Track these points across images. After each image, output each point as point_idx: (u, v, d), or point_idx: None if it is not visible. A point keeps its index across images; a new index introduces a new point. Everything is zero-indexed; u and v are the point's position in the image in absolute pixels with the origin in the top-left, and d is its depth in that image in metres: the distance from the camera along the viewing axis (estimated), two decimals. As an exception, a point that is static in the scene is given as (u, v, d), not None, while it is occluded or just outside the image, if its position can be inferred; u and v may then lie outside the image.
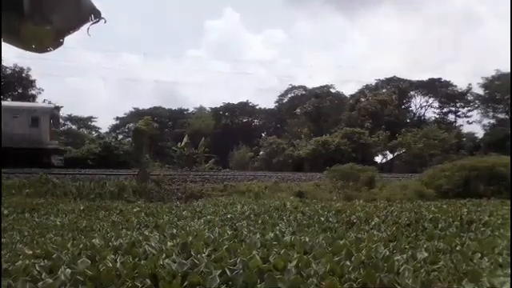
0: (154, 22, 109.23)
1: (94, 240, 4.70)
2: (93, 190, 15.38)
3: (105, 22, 2.64)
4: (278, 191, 16.64)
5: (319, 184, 18.64)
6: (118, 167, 22.61)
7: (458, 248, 4.69)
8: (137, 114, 59.08)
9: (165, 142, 51.25)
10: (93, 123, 63.53)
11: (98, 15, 2.69)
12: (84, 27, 2.70)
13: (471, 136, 58.59)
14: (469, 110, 62.96)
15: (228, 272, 3.24)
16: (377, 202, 12.05)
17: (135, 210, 9.71)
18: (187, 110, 69.95)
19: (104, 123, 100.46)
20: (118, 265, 3.51)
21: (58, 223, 7.19)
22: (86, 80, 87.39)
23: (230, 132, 59.30)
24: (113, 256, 3.91)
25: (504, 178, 17.30)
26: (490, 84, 59.52)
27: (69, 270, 3.25)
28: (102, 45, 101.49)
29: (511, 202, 8.97)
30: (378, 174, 19.80)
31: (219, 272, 3.22)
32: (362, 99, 57.94)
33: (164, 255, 3.82)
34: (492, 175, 17.46)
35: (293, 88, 66.74)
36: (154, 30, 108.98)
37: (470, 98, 62.61)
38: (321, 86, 63.41)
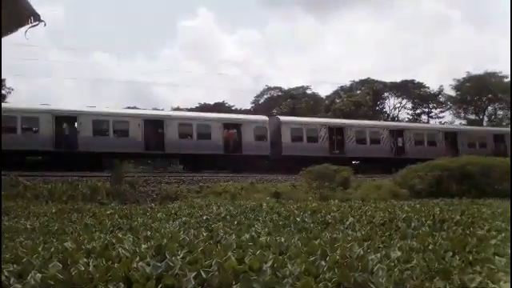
0: (126, 21, 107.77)
1: (65, 243, 4.59)
2: (65, 192, 15.07)
3: (44, 24, 2.61)
4: (255, 192, 16.65)
5: (295, 184, 18.74)
6: (91, 169, 22.19)
7: (430, 247, 4.77)
8: (110, 115, 58.07)
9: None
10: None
11: (37, 18, 2.65)
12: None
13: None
14: (441, 111, 64.53)
15: (203, 274, 3.22)
16: (352, 202, 12.20)
17: (108, 212, 9.55)
18: (162, 110, 69.29)
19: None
20: (91, 268, 3.45)
21: (28, 226, 7.00)
22: (57, 79, 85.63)
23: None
24: (85, 259, 3.84)
25: (474, 177, 17.75)
26: (461, 86, 61.10)
27: (39, 275, 3.17)
28: (73, 43, 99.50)
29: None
30: (353, 175, 20.01)
31: (194, 274, 3.19)
32: (337, 100, 58.66)
33: (138, 258, 3.77)
34: (463, 175, 17.87)
35: (269, 89, 67.03)
36: (127, 29, 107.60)
37: (441, 99, 64.07)
38: (296, 87, 63.88)
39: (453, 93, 62.18)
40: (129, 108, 35.97)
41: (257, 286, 3.03)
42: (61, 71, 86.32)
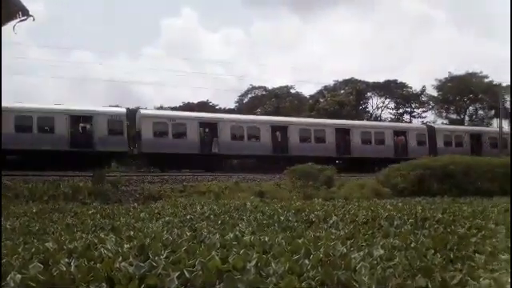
0: (109, 19, 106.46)
1: (46, 243, 4.52)
2: (46, 192, 14.84)
3: (33, 19, 2.56)
4: (239, 191, 16.62)
5: (279, 183, 18.76)
6: (73, 168, 21.90)
7: (412, 245, 4.83)
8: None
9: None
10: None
11: (26, 13, 2.61)
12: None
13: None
14: (423, 111, 65.25)
15: (186, 274, 3.20)
16: (335, 201, 12.29)
17: (90, 212, 9.44)
18: (145, 109, 68.69)
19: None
20: (72, 268, 3.40)
21: (8, 227, 6.88)
22: (37, 78, 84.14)
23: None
24: (67, 260, 3.80)
25: (455, 176, 18.02)
26: (443, 86, 61.92)
27: (19, 276, 3.11)
28: (53, 42, 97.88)
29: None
30: (336, 174, 20.14)
31: (177, 274, 3.17)
32: (321, 100, 58.91)
33: (120, 258, 3.74)
34: (445, 174, 18.13)
35: (253, 88, 66.96)
36: (109, 28, 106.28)
37: (424, 99, 64.84)
38: (281, 87, 63.98)
39: (435, 93, 63.11)
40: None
41: (241, 286, 3.03)
42: (41, 69, 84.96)
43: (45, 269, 3.38)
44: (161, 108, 55.04)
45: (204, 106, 65.83)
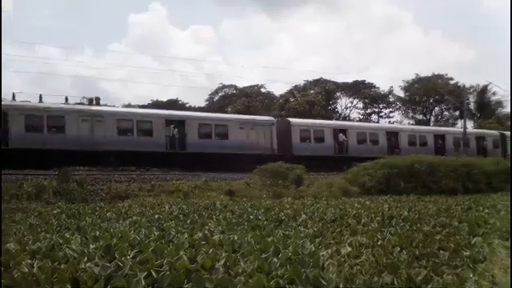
0: (75, 14, 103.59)
1: (8, 245, 4.37)
2: (8, 191, 14.37)
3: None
4: (208, 190, 16.54)
5: (249, 183, 18.77)
6: (37, 167, 21.26)
7: (379, 242, 4.91)
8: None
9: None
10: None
11: None
12: None
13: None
14: (390, 111, 66.64)
15: (154, 274, 3.16)
16: (304, 200, 12.39)
17: (55, 211, 9.21)
18: (112, 106, 67.47)
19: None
20: (35, 270, 3.31)
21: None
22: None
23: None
24: (29, 261, 3.69)
25: (420, 175, 18.46)
26: (409, 87, 63.43)
27: (-23, 280, 3.00)
28: (16, 36, 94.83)
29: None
30: (305, 173, 20.29)
31: (145, 274, 3.13)
32: (291, 99, 59.28)
33: (86, 258, 3.67)
34: (411, 173, 18.54)
35: (223, 87, 66.77)
36: (74, 22, 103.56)
37: (391, 99, 66.23)
38: (251, 86, 64.04)
39: (402, 93, 64.62)
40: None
41: (209, 285, 3.01)
42: (4, 64, 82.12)
43: (5, 271, 3.27)
44: (129, 106, 54.16)
45: (173, 104, 65.25)
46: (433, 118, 64.87)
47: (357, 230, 5.94)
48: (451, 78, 62.41)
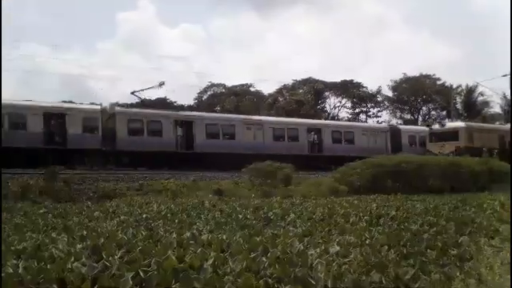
0: (63, 11, 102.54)
1: (-8, 245, 4.31)
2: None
3: None
4: (197, 190, 16.46)
5: (238, 182, 18.74)
6: (24, 166, 20.99)
7: (367, 241, 4.93)
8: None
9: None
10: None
11: None
12: None
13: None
14: (378, 111, 67.08)
15: (141, 274, 3.14)
16: (293, 199, 12.39)
17: (41, 211, 9.10)
18: (100, 104, 66.83)
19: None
20: (21, 270, 3.27)
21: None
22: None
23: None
24: (15, 261, 3.64)
25: (408, 174, 18.59)
26: (397, 86, 63.91)
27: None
28: (3, 34, 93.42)
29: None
30: (294, 172, 20.31)
31: (132, 274, 3.10)
32: (280, 98, 59.38)
33: (73, 258, 3.62)
34: (398, 172, 18.67)
35: (212, 85, 66.62)
36: (62, 20, 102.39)
37: (379, 99, 66.67)
38: (240, 85, 64.00)
39: (390, 93, 65.11)
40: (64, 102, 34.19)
41: (197, 285, 2.99)
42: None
43: (-10, 271, 3.22)
44: (118, 104, 53.64)
45: (162, 103, 64.84)
46: (420, 118, 65.43)
47: (345, 229, 5.96)
48: (439, 78, 63.11)
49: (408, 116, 65.54)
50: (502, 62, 78.03)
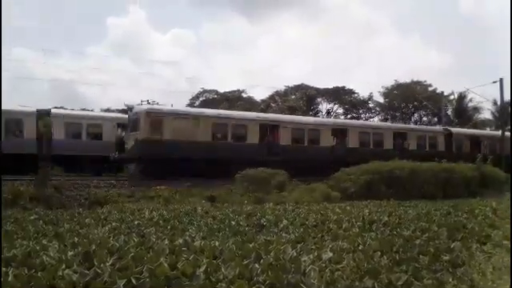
0: (53, 16, 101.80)
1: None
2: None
3: None
4: (190, 196, 16.40)
5: (231, 188, 18.71)
6: (15, 172, 20.81)
7: (360, 247, 4.93)
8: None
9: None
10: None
11: None
12: None
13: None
14: (370, 117, 67.36)
15: (133, 281, 3.11)
16: (286, 205, 12.38)
17: (32, 217, 8.99)
18: (92, 110, 66.56)
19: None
20: (10, 278, 3.22)
21: None
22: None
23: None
24: (4, 268, 3.59)
25: (401, 180, 18.69)
26: (389, 93, 64.32)
27: None
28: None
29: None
30: (287, 178, 20.32)
31: (124, 281, 3.08)
32: (273, 104, 59.50)
33: (64, 265, 3.59)
34: (391, 178, 18.76)
35: (204, 91, 66.65)
36: (52, 24, 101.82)
37: (371, 105, 67.06)
38: (232, 91, 64.09)
39: (381, 99, 65.53)
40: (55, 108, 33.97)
41: (189, 292, 2.97)
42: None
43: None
44: (108, 110, 53.52)
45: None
46: (412, 124, 65.83)
47: (338, 235, 5.96)
48: (430, 85, 63.51)
49: (400, 123, 65.96)
50: (493, 68, 78.87)
